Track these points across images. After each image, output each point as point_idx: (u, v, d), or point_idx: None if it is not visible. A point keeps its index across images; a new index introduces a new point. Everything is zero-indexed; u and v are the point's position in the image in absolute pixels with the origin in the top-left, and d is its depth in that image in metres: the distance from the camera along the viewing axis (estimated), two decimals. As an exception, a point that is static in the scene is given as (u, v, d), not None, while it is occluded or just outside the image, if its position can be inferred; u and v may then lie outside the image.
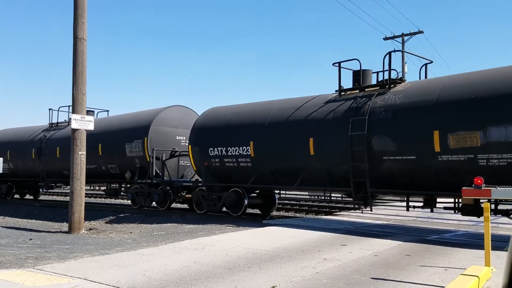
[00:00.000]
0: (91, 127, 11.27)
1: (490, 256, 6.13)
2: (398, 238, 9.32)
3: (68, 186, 24.09)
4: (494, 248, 6.58)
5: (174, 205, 17.96)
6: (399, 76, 11.19)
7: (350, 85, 12.01)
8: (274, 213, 16.04)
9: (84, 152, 11.22)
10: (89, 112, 20.82)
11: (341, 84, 12.02)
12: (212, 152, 13.87)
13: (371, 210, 12.25)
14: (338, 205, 17.95)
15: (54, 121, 21.09)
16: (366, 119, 10.50)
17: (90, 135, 18.67)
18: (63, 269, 6.17)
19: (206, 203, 14.45)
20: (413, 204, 10.77)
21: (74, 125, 10.87)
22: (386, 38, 29.38)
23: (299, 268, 6.21)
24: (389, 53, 11.02)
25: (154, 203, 16.40)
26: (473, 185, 6.75)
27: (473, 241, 8.86)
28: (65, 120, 20.83)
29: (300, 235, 9.58)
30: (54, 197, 27.29)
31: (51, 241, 9.61)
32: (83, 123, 11.00)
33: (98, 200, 24.68)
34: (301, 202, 20.14)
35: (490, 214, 10.15)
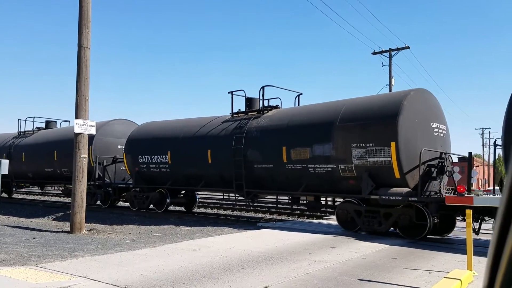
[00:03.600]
0: (93, 131, 11.52)
1: (472, 260, 6.36)
2: (384, 241, 9.59)
3: (33, 187, 26.39)
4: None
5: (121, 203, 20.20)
6: (275, 105, 14.40)
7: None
8: (196, 210, 19.29)
9: (86, 156, 11.47)
10: (51, 123, 24.12)
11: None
12: (141, 159, 16.70)
13: (249, 205, 17.41)
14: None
15: (23, 129, 23.97)
16: (243, 136, 13.45)
17: (48, 143, 21.25)
18: (64, 267, 6.33)
19: (137, 201, 17.24)
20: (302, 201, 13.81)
21: (77, 129, 11.12)
22: (374, 53, 29.90)
23: (291, 269, 6.42)
24: (263, 87, 14.14)
25: (98, 201, 18.77)
26: (456, 193, 7.05)
27: (456, 246, 9.12)
28: (31, 129, 23.82)
29: (292, 237, 9.82)
30: (57, 198, 27.57)
31: (53, 240, 9.84)
32: (85, 128, 11.27)
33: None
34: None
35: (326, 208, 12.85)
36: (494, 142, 10.27)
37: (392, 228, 10.94)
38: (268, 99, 14.43)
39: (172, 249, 8.14)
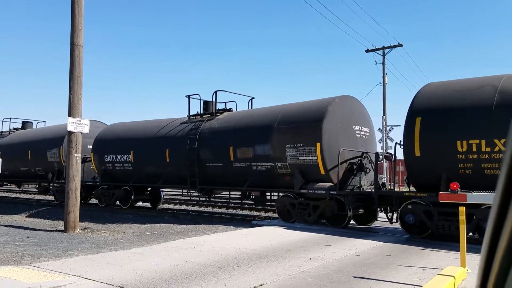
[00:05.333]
0: (86, 130, 11.45)
1: (465, 258, 6.40)
2: (378, 238, 9.66)
3: (11, 185, 27.07)
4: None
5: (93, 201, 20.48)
6: (229, 108, 15.57)
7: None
8: (163, 205, 20.41)
9: (80, 154, 11.40)
10: (28, 123, 25.04)
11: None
12: (107, 158, 17.74)
13: (206, 200, 18.36)
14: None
15: (0, 130, 25.21)
16: (197, 137, 14.54)
17: (22, 143, 22.21)
18: (58, 267, 6.29)
19: (104, 198, 18.22)
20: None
21: (70, 128, 11.04)
22: (367, 51, 30.00)
23: (286, 267, 6.43)
24: (215, 92, 15.36)
25: None
26: (449, 190, 7.12)
27: (450, 243, 9.17)
28: (8, 129, 25.17)
29: (287, 235, 9.85)
30: (52, 197, 27.46)
31: (47, 239, 9.78)
32: (79, 126, 11.20)
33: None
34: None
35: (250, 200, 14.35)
36: (396, 143, 11.19)
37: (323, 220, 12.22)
38: (225, 102, 15.76)
39: (167, 247, 8.12)
